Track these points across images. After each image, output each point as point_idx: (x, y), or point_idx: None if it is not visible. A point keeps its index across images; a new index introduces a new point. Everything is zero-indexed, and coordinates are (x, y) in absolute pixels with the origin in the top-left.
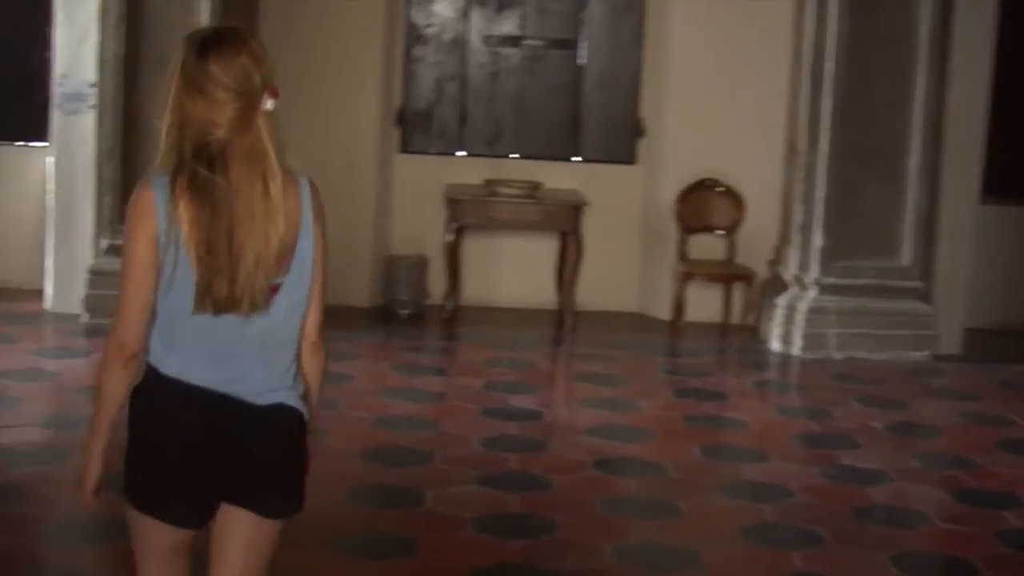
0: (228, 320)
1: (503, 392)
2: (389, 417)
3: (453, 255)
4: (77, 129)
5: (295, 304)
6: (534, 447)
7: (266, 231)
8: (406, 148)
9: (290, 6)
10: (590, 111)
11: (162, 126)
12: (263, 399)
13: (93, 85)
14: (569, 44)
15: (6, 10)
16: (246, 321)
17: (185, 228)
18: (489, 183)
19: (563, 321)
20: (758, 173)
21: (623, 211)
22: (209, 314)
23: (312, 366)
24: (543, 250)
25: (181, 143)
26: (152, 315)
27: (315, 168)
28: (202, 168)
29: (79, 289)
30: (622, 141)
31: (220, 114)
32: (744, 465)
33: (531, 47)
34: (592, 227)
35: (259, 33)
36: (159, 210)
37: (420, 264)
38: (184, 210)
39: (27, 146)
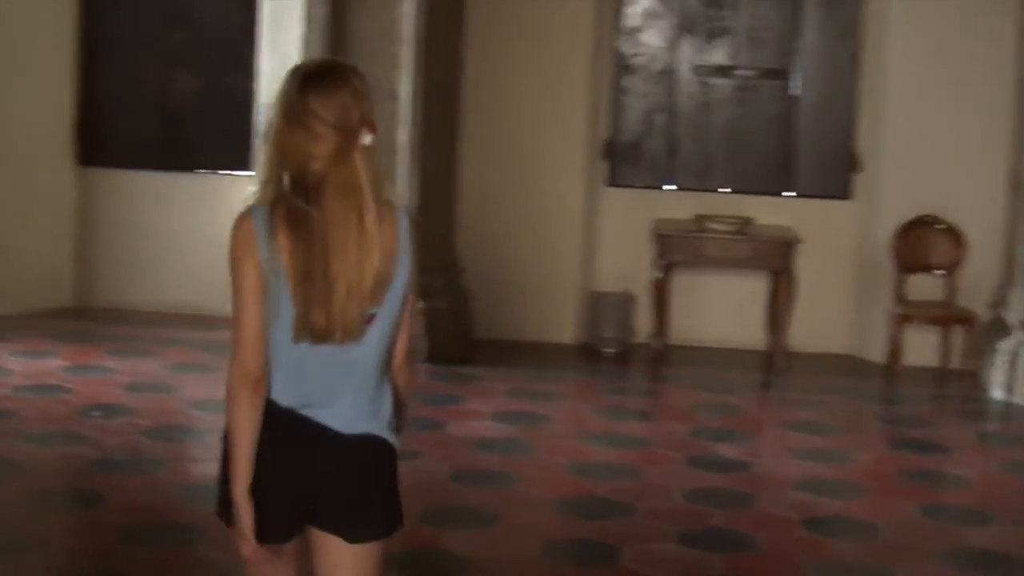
0: (323, 349)
1: (709, 440)
2: (588, 464)
3: (661, 293)
4: None
5: (385, 334)
6: (739, 501)
7: (360, 262)
8: (613, 181)
9: (496, 39)
10: (803, 144)
11: (263, 158)
12: (348, 428)
13: None
14: (782, 74)
15: (213, 38)
16: (340, 350)
17: (285, 258)
18: (699, 218)
19: (773, 363)
20: (980, 210)
21: (836, 248)
22: (308, 343)
23: (398, 383)
24: (753, 288)
25: (280, 175)
26: None
27: (519, 200)
28: (299, 200)
29: None
30: (836, 175)
31: (318, 147)
32: (966, 528)
33: (742, 77)
34: (804, 264)
35: (465, 66)
36: (260, 240)
37: (626, 301)
38: (283, 240)
39: (231, 175)
